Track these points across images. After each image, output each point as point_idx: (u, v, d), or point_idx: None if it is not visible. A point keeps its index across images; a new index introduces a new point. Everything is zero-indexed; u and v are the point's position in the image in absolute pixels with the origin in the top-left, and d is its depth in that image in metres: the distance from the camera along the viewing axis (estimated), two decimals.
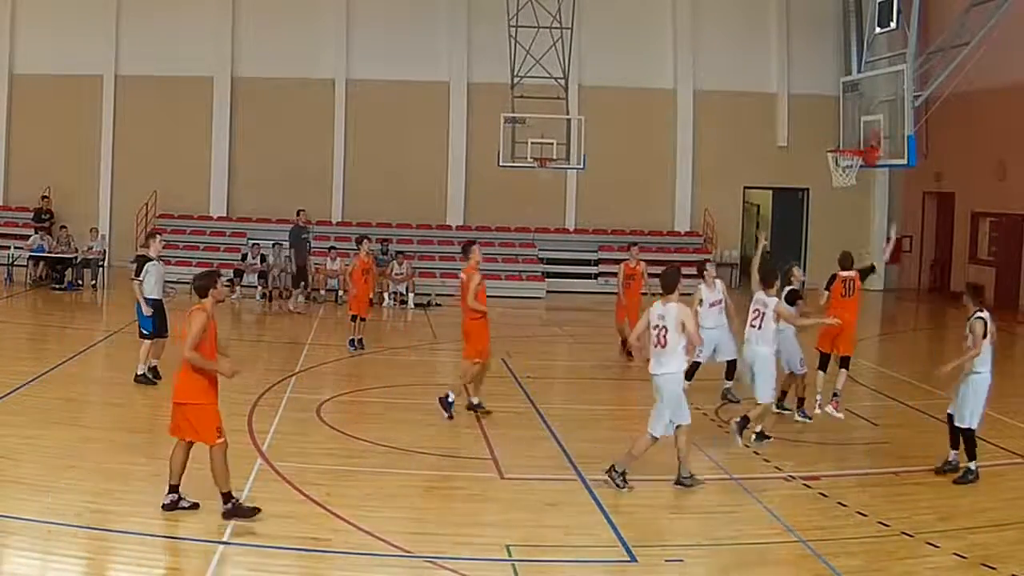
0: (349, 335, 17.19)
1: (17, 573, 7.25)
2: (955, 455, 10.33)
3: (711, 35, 28.77)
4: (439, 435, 11.87)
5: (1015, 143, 24.37)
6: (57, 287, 23.64)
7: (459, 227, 28.45)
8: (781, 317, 11.25)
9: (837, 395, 12.38)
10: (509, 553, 8.01)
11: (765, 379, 11.12)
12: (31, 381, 13.24)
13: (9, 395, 12.40)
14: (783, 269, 12.45)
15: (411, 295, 23.77)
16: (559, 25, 24.60)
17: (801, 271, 12.74)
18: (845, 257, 12.78)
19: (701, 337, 10.82)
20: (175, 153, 27.95)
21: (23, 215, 26.79)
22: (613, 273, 27.15)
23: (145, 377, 13.54)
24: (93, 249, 24.54)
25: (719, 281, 13.93)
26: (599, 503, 9.22)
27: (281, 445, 10.81)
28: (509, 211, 28.26)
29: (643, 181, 28.90)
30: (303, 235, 22.95)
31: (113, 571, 7.51)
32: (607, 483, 9.60)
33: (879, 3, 18.34)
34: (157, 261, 13.84)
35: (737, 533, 8.74)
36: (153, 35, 27.78)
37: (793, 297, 12.14)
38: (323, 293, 23.71)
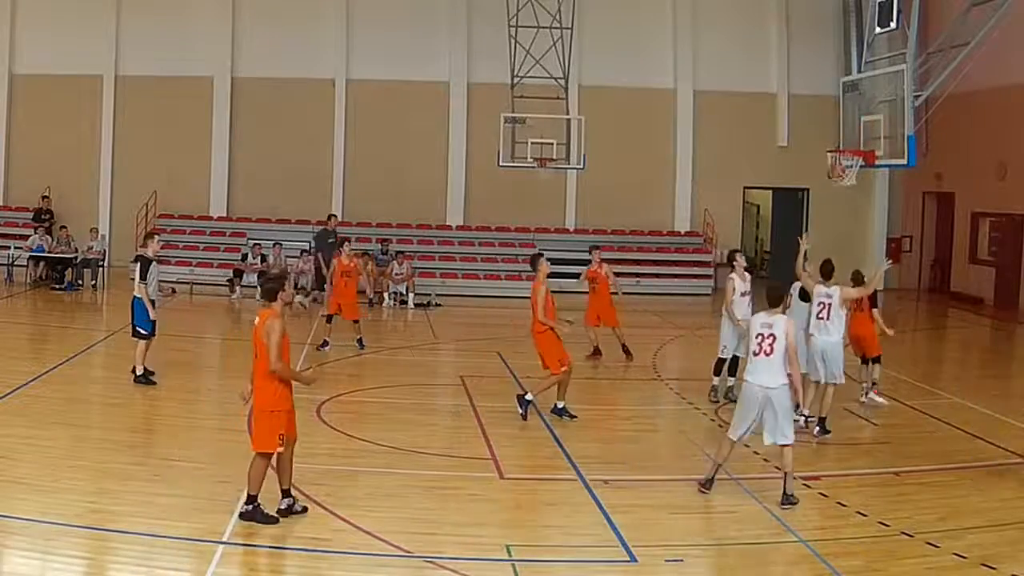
0: (324, 335, 17.09)
1: (17, 573, 7.25)
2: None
3: (711, 35, 28.75)
4: (439, 435, 11.87)
5: (1015, 143, 24.36)
6: (57, 287, 23.63)
7: (459, 227, 28.45)
8: (848, 301, 12.16)
9: (876, 383, 13.62)
10: (509, 553, 8.01)
11: (837, 364, 11.96)
12: (31, 381, 13.24)
13: (9, 395, 12.40)
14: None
15: (411, 295, 23.77)
16: (559, 25, 24.59)
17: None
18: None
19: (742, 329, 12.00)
20: (175, 153, 27.92)
21: (23, 215, 26.78)
22: (615, 273, 27.40)
23: (145, 378, 13.57)
24: (93, 249, 24.53)
25: (748, 273, 13.92)
26: (599, 503, 9.22)
27: None
28: (509, 211, 28.24)
29: (643, 181, 28.88)
30: (330, 239, 23.18)
31: (113, 571, 7.51)
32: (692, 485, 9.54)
33: (879, 3, 18.37)
34: (154, 262, 13.93)
35: (737, 533, 8.74)
36: (153, 35, 27.75)
37: (806, 296, 12.54)
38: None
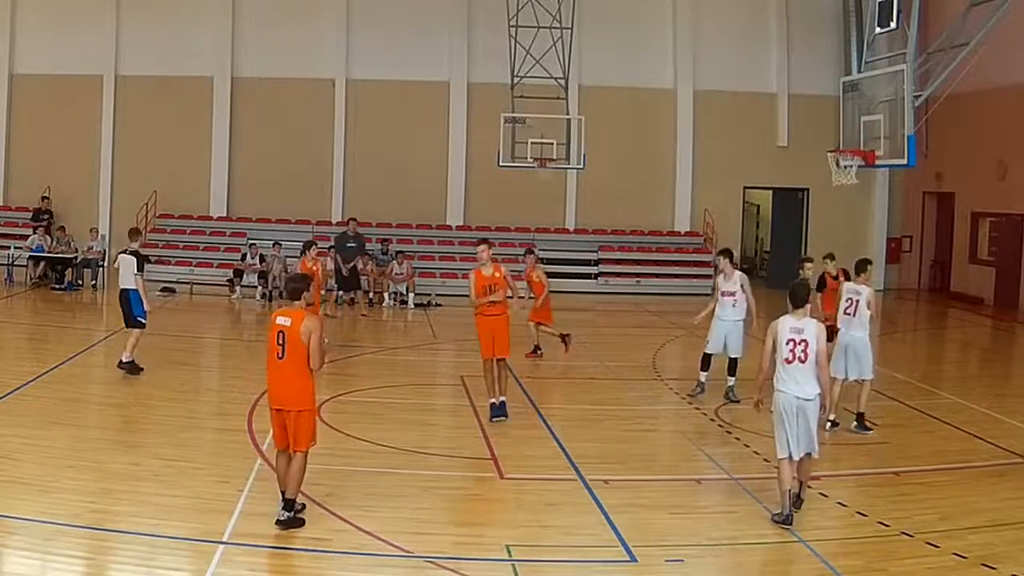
0: None
1: (17, 573, 7.25)
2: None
3: (711, 35, 28.75)
4: (439, 435, 11.87)
5: (1015, 143, 24.37)
6: (57, 287, 23.64)
7: (459, 227, 28.46)
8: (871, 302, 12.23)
9: None
10: (509, 553, 8.01)
11: (867, 359, 12.11)
12: (31, 381, 13.24)
13: (9, 395, 12.40)
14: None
15: (411, 295, 23.78)
16: (559, 25, 24.58)
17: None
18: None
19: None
20: (175, 153, 27.93)
21: (23, 215, 26.79)
22: (615, 273, 27.49)
23: (132, 365, 13.86)
24: (93, 249, 24.53)
25: (739, 274, 13.95)
26: (599, 503, 9.22)
27: None
28: (509, 211, 28.25)
29: (643, 181, 28.89)
30: (348, 243, 23.59)
31: (113, 571, 7.51)
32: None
33: (879, 3, 18.37)
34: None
35: (737, 533, 8.73)
36: (153, 35, 27.76)
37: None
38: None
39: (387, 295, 23.66)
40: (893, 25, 18.04)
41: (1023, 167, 24.39)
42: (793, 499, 8.81)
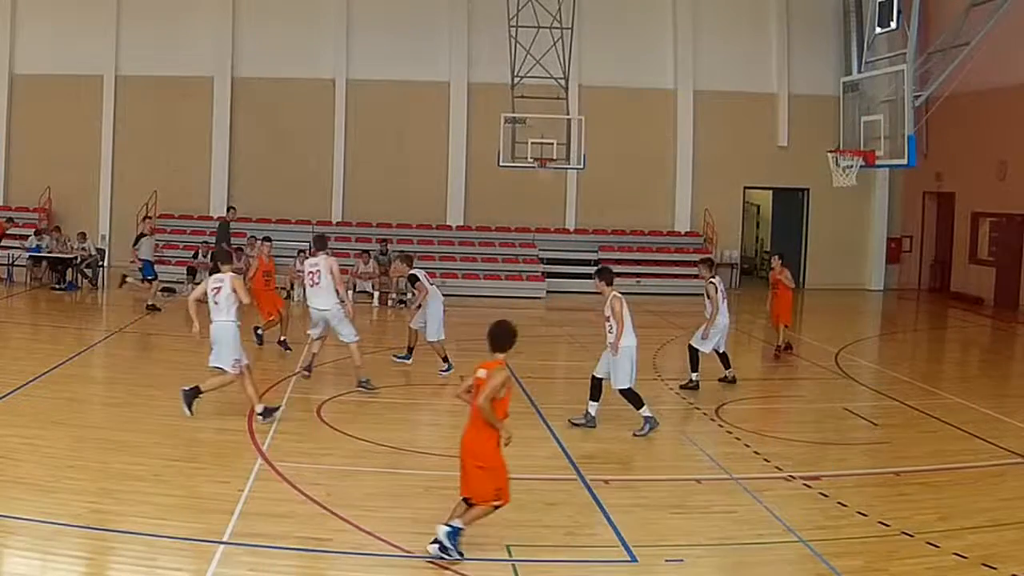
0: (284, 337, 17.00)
1: (17, 573, 7.24)
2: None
3: (711, 35, 28.76)
4: (439, 435, 11.85)
5: (1015, 143, 24.38)
6: (57, 287, 23.64)
7: (459, 227, 28.47)
8: None
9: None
10: (509, 553, 8.01)
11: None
12: (31, 381, 13.23)
13: (9, 395, 12.40)
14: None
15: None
16: (559, 25, 24.59)
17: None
18: None
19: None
20: (175, 153, 27.95)
21: (23, 215, 26.79)
22: (614, 273, 27.39)
23: (154, 307, 19.88)
24: (84, 250, 24.40)
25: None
26: (599, 503, 9.22)
27: (281, 445, 10.80)
28: (509, 211, 28.25)
29: (643, 181, 28.90)
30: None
31: (113, 571, 7.51)
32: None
33: (879, 3, 18.35)
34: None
35: (737, 533, 8.73)
36: (153, 35, 27.79)
37: None
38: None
39: (391, 297, 23.62)
40: (893, 25, 18.02)
41: (1023, 167, 24.39)
42: None
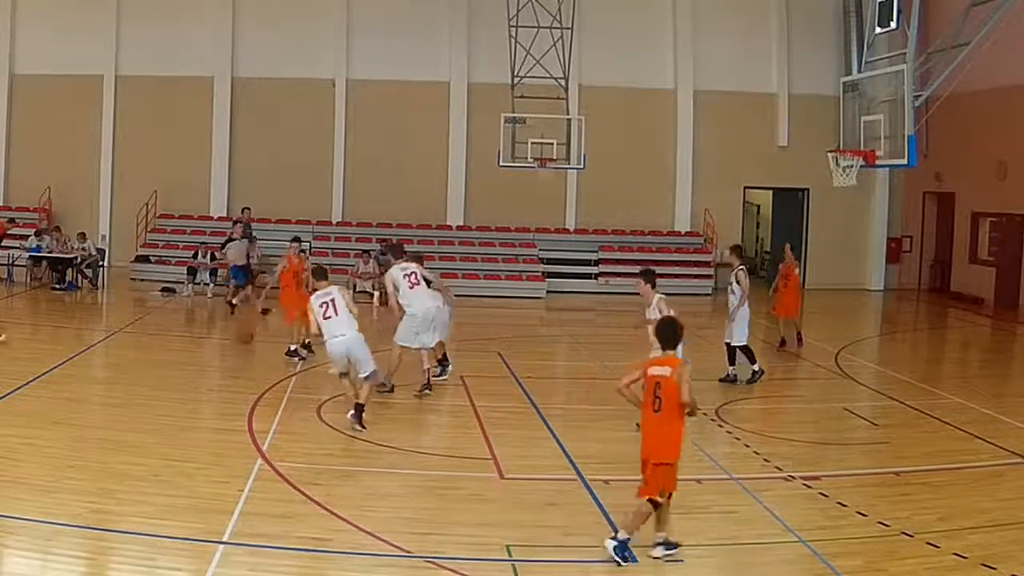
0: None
1: (17, 573, 7.24)
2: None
3: (711, 35, 28.75)
4: (439, 435, 11.87)
5: (1015, 143, 24.37)
6: (57, 287, 23.64)
7: (459, 227, 28.47)
8: None
9: None
10: (509, 553, 8.01)
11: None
12: (31, 381, 13.23)
13: (9, 395, 12.40)
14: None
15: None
16: (559, 25, 24.59)
17: None
18: None
19: None
20: (175, 153, 27.94)
21: (23, 215, 26.79)
22: (615, 273, 27.48)
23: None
24: (84, 250, 24.39)
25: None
26: (599, 503, 9.21)
27: (281, 445, 10.80)
28: (509, 211, 28.25)
29: (643, 181, 28.89)
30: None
31: (113, 571, 7.51)
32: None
33: (879, 3, 18.35)
34: None
35: (737, 533, 8.73)
36: (153, 35, 27.78)
37: None
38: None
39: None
40: (893, 25, 18.02)
41: (1023, 167, 24.39)
42: None
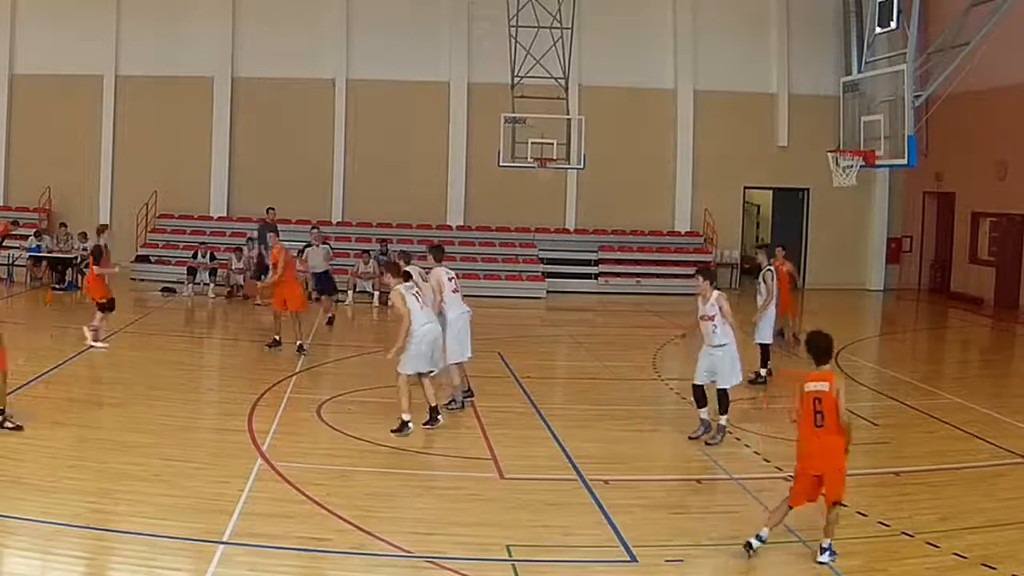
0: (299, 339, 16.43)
1: (17, 573, 7.25)
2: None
3: (711, 35, 28.76)
4: (439, 435, 11.85)
5: (1015, 143, 24.37)
6: (57, 287, 23.63)
7: (459, 227, 28.47)
8: None
9: None
10: (509, 553, 8.01)
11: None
12: (31, 381, 13.23)
13: (9, 395, 12.36)
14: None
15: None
16: (559, 25, 24.59)
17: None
18: None
19: None
20: (175, 153, 27.95)
21: (23, 215, 26.76)
22: (615, 273, 27.50)
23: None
24: (85, 250, 24.38)
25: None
26: (599, 503, 9.21)
27: (281, 445, 10.80)
28: (509, 211, 28.26)
29: (643, 181, 28.89)
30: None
31: (113, 571, 7.51)
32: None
33: (879, 3, 18.34)
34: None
35: (737, 533, 8.71)
36: (153, 35, 27.80)
37: None
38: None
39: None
40: (893, 25, 18.01)
41: (1023, 167, 24.39)
42: None
